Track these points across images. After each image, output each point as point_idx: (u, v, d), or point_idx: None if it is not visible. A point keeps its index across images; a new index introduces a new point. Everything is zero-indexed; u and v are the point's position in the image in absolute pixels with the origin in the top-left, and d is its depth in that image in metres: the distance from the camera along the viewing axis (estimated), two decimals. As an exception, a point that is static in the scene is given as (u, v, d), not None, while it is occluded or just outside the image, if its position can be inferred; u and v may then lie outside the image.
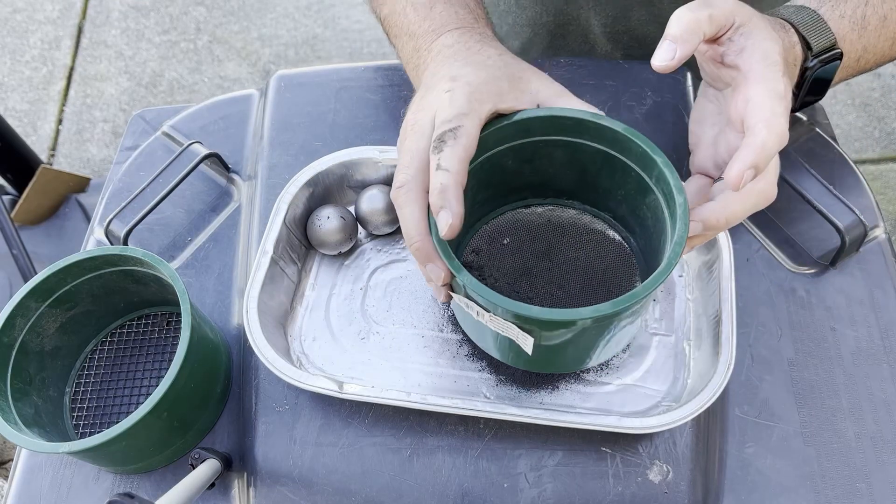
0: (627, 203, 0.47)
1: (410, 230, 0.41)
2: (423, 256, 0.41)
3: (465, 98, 0.41)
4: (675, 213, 0.41)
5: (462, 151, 0.40)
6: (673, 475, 0.47)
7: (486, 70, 0.43)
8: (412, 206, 0.41)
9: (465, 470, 0.48)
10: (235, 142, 0.66)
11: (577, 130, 0.44)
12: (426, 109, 0.43)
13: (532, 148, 0.46)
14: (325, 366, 0.52)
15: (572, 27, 0.70)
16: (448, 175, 0.39)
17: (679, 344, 0.51)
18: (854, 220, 0.54)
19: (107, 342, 0.57)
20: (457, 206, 0.39)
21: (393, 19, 0.53)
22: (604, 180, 0.47)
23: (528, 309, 0.38)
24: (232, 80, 1.86)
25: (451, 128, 0.40)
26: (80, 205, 1.40)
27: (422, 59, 0.49)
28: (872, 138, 1.69)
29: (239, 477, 0.50)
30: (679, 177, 0.41)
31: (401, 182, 0.41)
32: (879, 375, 0.52)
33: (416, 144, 0.42)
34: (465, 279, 0.39)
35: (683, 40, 0.41)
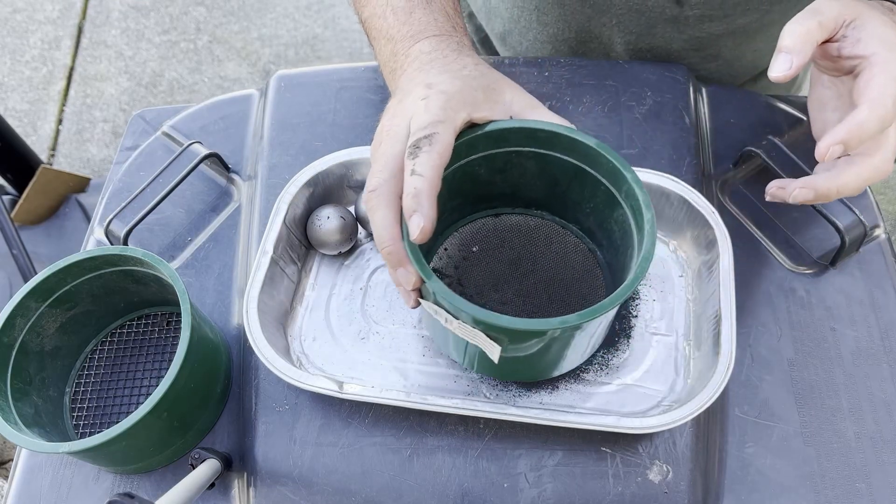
0: (595, 216, 0.48)
1: (382, 234, 0.41)
2: (394, 260, 0.41)
3: (440, 106, 0.42)
4: (643, 229, 0.41)
5: (437, 158, 0.40)
6: (673, 475, 0.47)
7: (461, 79, 0.44)
8: (384, 210, 0.41)
9: (465, 470, 0.48)
10: (235, 142, 0.66)
11: (550, 142, 0.45)
12: (401, 115, 0.43)
13: (504, 158, 0.46)
14: (325, 366, 0.52)
15: (593, 44, 0.70)
16: (422, 180, 0.39)
17: (679, 344, 0.51)
18: (854, 220, 0.54)
19: (107, 342, 0.57)
20: (429, 210, 0.39)
21: (373, 22, 0.53)
22: (574, 192, 0.48)
23: (497, 318, 0.38)
24: (232, 80, 1.86)
25: (427, 134, 0.40)
26: (80, 205, 1.40)
27: (398, 64, 0.49)
28: (872, 138, 1.69)
29: (239, 477, 0.50)
30: (647, 193, 0.42)
31: (373, 186, 0.41)
32: (879, 375, 0.52)
33: (391, 150, 0.42)
34: (434, 286, 0.39)
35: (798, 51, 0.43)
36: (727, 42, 0.64)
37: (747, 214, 0.59)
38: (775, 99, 0.66)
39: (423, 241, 0.39)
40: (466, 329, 0.40)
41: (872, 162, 0.44)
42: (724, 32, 0.63)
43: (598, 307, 0.39)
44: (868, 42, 0.44)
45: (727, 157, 0.62)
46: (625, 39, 0.67)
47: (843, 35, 0.45)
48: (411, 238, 0.39)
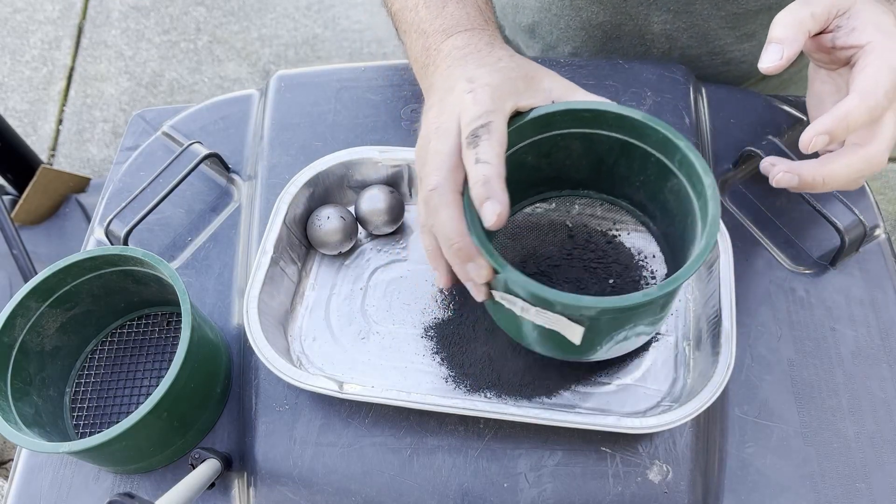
0: (646, 189, 0.48)
1: (449, 232, 0.41)
2: (463, 256, 0.41)
3: (488, 97, 0.42)
4: (705, 195, 0.41)
5: (497, 145, 0.40)
6: (673, 475, 0.47)
7: (500, 72, 0.44)
8: (448, 209, 0.41)
9: (465, 470, 0.48)
10: (235, 142, 0.66)
11: (596, 121, 0.45)
12: (448, 112, 0.43)
13: (550, 142, 0.46)
14: (325, 366, 0.52)
15: (628, 27, 0.69)
16: (489, 167, 0.39)
17: (679, 344, 0.51)
18: (854, 220, 0.54)
19: (107, 342, 0.57)
20: (502, 195, 0.39)
21: (404, 15, 0.53)
22: (621, 168, 0.47)
23: (580, 299, 0.38)
24: (232, 80, 1.86)
25: (483, 123, 0.40)
26: (80, 205, 1.40)
27: (431, 59, 0.49)
28: (872, 138, 1.69)
29: (239, 477, 0.50)
30: (703, 159, 0.42)
31: (433, 185, 0.41)
32: (879, 375, 0.52)
33: (444, 146, 0.42)
34: (510, 275, 0.39)
35: (789, 41, 0.43)
36: (763, 19, 0.64)
37: (747, 214, 0.59)
38: (775, 99, 0.66)
39: (500, 227, 0.39)
40: (545, 315, 0.40)
41: (866, 153, 0.43)
42: (761, 7, 0.62)
43: (676, 276, 0.39)
44: (863, 31, 0.43)
45: (727, 157, 0.62)
46: (661, 18, 0.66)
47: (836, 25, 0.45)
48: (488, 225, 0.39)
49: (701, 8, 0.64)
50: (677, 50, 0.69)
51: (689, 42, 0.68)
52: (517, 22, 0.78)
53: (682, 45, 0.69)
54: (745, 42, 0.68)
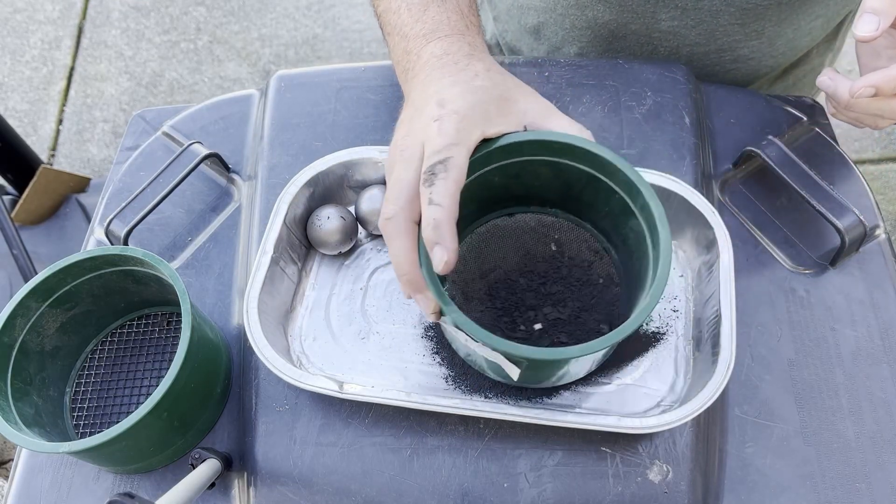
0: (610, 220, 0.48)
1: (401, 262, 0.41)
2: (412, 288, 0.42)
3: (453, 128, 0.42)
4: (658, 247, 0.41)
5: (453, 185, 0.40)
6: (673, 475, 0.47)
7: (473, 94, 0.44)
8: (401, 239, 0.41)
9: (465, 470, 0.48)
10: (235, 142, 0.66)
11: (565, 152, 0.45)
12: (414, 135, 0.43)
13: (519, 166, 0.46)
14: (325, 366, 0.52)
15: (635, 25, 0.69)
16: (441, 210, 0.39)
17: (679, 344, 0.51)
18: (854, 220, 0.54)
19: (107, 342, 0.57)
20: (451, 241, 0.40)
21: (387, 17, 0.53)
22: (588, 196, 0.48)
23: (517, 348, 0.39)
24: (232, 80, 1.86)
25: (441, 159, 0.40)
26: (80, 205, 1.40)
27: (411, 64, 0.49)
28: (872, 138, 1.69)
29: (239, 477, 0.50)
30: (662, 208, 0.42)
31: (389, 214, 0.42)
32: (879, 375, 0.52)
33: (405, 175, 0.42)
34: (454, 316, 0.40)
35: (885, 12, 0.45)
36: (772, 15, 0.64)
37: (747, 214, 0.59)
38: (775, 99, 0.66)
39: (447, 272, 0.40)
40: (487, 350, 0.41)
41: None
42: (771, 3, 0.62)
43: (613, 334, 0.39)
44: None
45: (727, 157, 0.62)
46: (669, 15, 0.66)
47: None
48: (436, 270, 0.40)
49: (710, 4, 0.64)
50: (685, 48, 0.69)
51: (697, 39, 0.68)
52: (522, 23, 0.77)
53: (690, 42, 0.69)
54: (753, 39, 0.68)
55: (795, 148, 0.59)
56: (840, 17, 0.70)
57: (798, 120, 0.64)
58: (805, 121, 0.63)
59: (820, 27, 0.69)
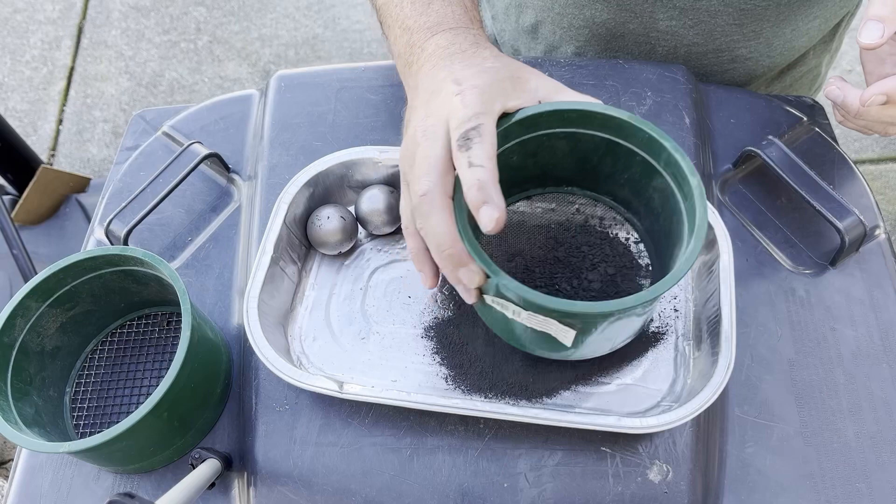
0: (630, 186, 0.48)
1: (441, 237, 0.40)
2: (456, 262, 0.41)
3: (477, 99, 0.41)
4: (692, 196, 0.41)
5: (490, 147, 0.40)
6: (673, 475, 0.47)
7: (487, 73, 0.44)
8: (440, 214, 0.40)
9: (465, 470, 0.48)
10: (235, 142, 0.66)
11: (582, 121, 0.45)
12: (435, 115, 0.43)
13: (536, 142, 0.46)
14: (325, 366, 0.52)
15: (633, 25, 0.69)
16: (483, 170, 0.39)
17: (679, 344, 0.51)
18: (854, 220, 0.54)
19: (107, 342, 0.57)
20: (498, 199, 0.39)
21: (388, 9, 0.53)
22: (605, 166, 0.48)
23: (573, 305, 0.39)
24: (232, 80, 1.86)
25: (474, 125, 0.40)
26: (80, 205, 1.40)
27: (415, 57, 0.49)
28: (872, 138, 1.69)
29: (239, 477, 0.50)
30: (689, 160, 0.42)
31: (424, 190, 0.41)
32: (879, 375, 0.52)
33: (433, 151, 0.41)
34: (505, 281, 0.39)
35: (890, 20, 0.45)
36: (770, 15, 0.64)
37: (747, 214, 0.59)
38: (775, 99, 0.66)
39: (498, 230, 0.39)
40: (537, 319, 0.40)
41: None
42: (769, 4, 0.63)
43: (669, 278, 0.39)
44: None
45: (727, 157, 0.62)
46: (667, 15, 0.66)
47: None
48: (486, 230, 0.39)
49: (708, 4, 0.64)
50: (683, 48, 0.69)
51: (695, 39, 0.68)
52: (520, 23, 0.77)
53: (688, 42, 0.69)
54: (751, 39, 0.68)
55: (795, 148, 0.59)
56: (838, 17, 0.70)
57: (798, 120, 0.64)
58: (805, 121, 0.63)
59: (817, 28, 0.69)
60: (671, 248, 0.45)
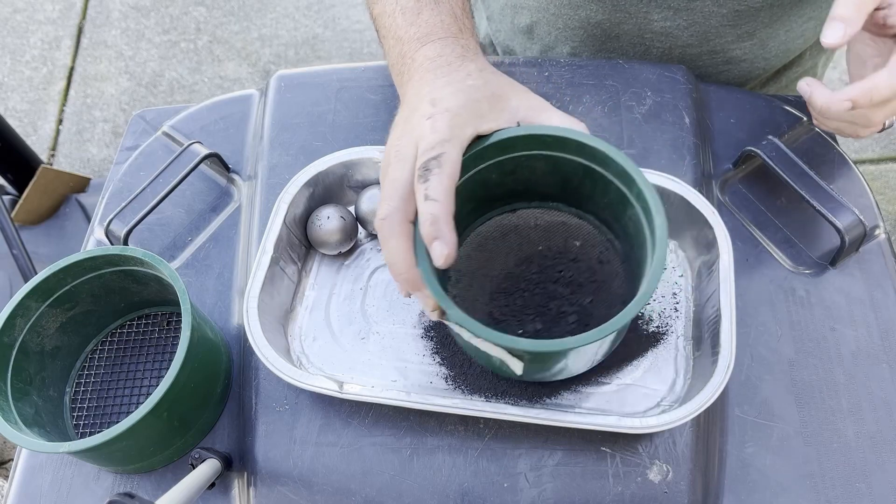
0: (610, 210, 0.48)
1: (397, 262, 0.41)
2: (410, 286, 0.42)
3: (446, 125, 0.42)
4: (655, 234, 0.41)
5: (447, 179, 0.40)
6: (673, 475, 0.47)
7: (465, 92, 0.44)
8: (397, 239, 0.41)
9: (465, 470, 0.48)
10: (235, 142, 0.66)
11: (559, 146, 0.45)
12: (407, 135, 0.43)
13: (514, 162, 0.46)
14: (325, 366, 0.52)
15: (627, 25, 0.69)
16: (437, 205, 0.40)
17: (679, 344, 0.51)
18: (854, 220, 0.54)
19: (107, 342, 0.57)
20: (450, 235, 0.40)
21: (382, 20, 0.54)
22: (585, 189, 0.48)
23: (517, 342, 0.39)
24: (232, 80, 1.86)
25: (435, 155, 0.41)
26: (80, 205, 1.40)
27: (406, 67, 0.49)
28: (872, 138, 1.69)
29: (239, 477, 0.50)
30: (658, 197, 0.42)
31: (384, 214, 0.42)
32: (879, 375, 0.52)
33: (400, 174, 0.42)
34: (453, 314, 0.40)
35: (852, 21, 0.45)
36: (764, 17, 0.64)
37: (747, 214, 0.59)
38: (775, 99, 0.66)
39: (447, 266, 0.40)
40: (489, 345, 0.41)
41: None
42: (763, 5, 0.63)
43: (610, 324, 0.39)
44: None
45: (727, 157, 0.62)
46: (661, 16, 0.66)
47: (889, 3, 0.47)
48: (436, 265, 0.40)
49: (702, 5, 0.64)
50: (677, 49, 0.69)
51: (690, 41, 0.68)
52: (515, 23, 0.78)
53: (683, 43, 0.69)
54: (745, 41, 0.68)
55: (795, 148, 0.59)
56: None
57: (798, 120, 0.64)
58: (805, 121, 0.63)
59: (812, 29, 0.69)
60: (639, 280, 0.45)
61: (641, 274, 0.44)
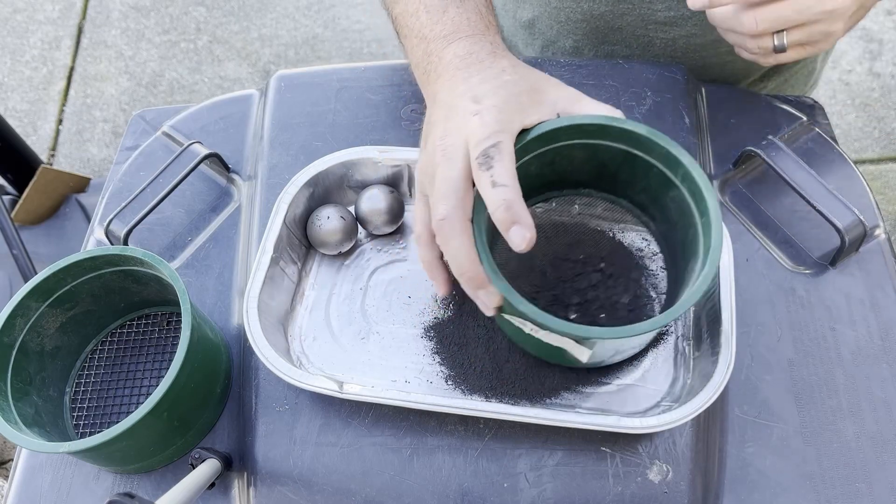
0: (647, 194, 0.48)
1: (461, 261, 0.41)
2: (475, 284, 0.42)
3: (495, 118, 0.42)
4: (707, 213, 0.42)
5: (510, 165, 0.40)
6: (673, 475, 0.47)
7: (504, 87, 0.44)
8: (460, 237, 0.41)
9: (465, 470, 0.48)
10: (235, 142, 0.66)
11: (600, 134, 0.45)
12: (453, 134, 0.43)
13: (554, 152, 0.46)
14: (325, 366, 0.52)
15: (630, 17, 0.69)
16: (508, 190, 0.39)
17: (679, 344, 0.51)
18: (854, 220, 0.54)
19: (107, 342, 0.57)
20: (527, 218, 0.39)
21: (404, 19, 0.53)
22: (623, 174, 0.48)
23: (588, 331, 0.40)
24: (232, 80, 1.86)
25: (493, 143, 0.40)
26: (80, 205, 1.40)
27: (432, 66, 0.49)
28: (872, 138, 1.69)
29: (239, 477, 0.50)
30: (706, 177, 0.43)
31: (444, 214, 0.41)
32: (879, 375, 0.52)
33: (452, 172, 0.42)
34: (524, 308, 0.40)
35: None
36: None
37: (747, 214, 0.59)
38: (775, 99, 0.66)
39: (528, 249, 0.40)
40: (554, 336, 0.41)
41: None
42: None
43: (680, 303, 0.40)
44: None
45: (727, 157, 0.62)
46: (664, 6, 0.66)
47: None
48: (519, 249, 0.39)
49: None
50: (681, 39, 0.69)
51: (693, 30, 0.68)
52: (517, 18, 0.77)
53: (686, 33, 0.68)
54: None
55: (795, 148, 0.59)
56: None
57: (798, 120, 0.64)
58: (805, 121, 0.63)
59: None
60: (687, 259, 0.46)
61: (686, 255, 0.45)
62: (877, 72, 1.78)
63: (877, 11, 1.84)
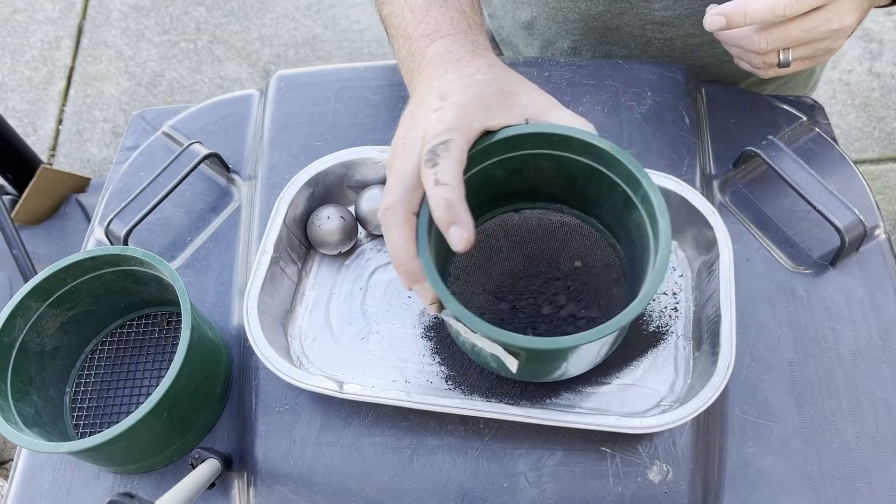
0: (614, 213, 0.48)
1: (399, 253, 0.41)
2: (410, 278, 0.41)
3: (454, 115, 0.42)
4: (658, 237, 0.41)
5: (456, 164, 0.40)
6: (673, 475, 0.47)
7: (474, 87, 0.44)
8: (400, 228, 0.41)
9: (465, 470, 0.48)
10: (235, 142, 0.66)
11: (565, 145, 0.45)
12: (415, 128, 0.43)
13: (520, 160, 0.46)
14: (325, 366, 0.52)
15: (628, 17, 0.69)
16: (449, 188, 0.39)
17: (679, 344, 0.51)
18: (854, 220, 0.54)
19: (107, 342, 0.57)
20: (466, 218, 0.39)
21: (392, 20, 0.54)
22: (592, 190, 0.47)
23: (513, 338, 0.39)
24: (232, 80, 1.86)
25: (442, 141, 0.40)
26: (80, 205, 1.40)
27: (416, 64, 0.49)
28: (872, 138, 1.69)
29: (239, 477, 0.50)
30: (663, 199, 0.42)
31: (388, 204, 0.41)
32: (879, 375, 0.52)
33: (405, 164, 0.42)
34: (452, 307, 0.39)
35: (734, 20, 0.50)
36: None
37: (747, 214, 0.59)
38: (775, 99, 0.66)
39: (467, 249, 0.39)
40: (486, 341, 0.41)
41: None
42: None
43: (608, 325, 0.39)
44: None
45: (727, 157, 0.62)
46: (662, 5, 0.66)
47: None
48: (457, 249, 0.39)
49: None
50: (678, 39, 0.69)
51: (691, 30, 0.68)
52: (516, 19, 0.78)
53: (684, 33, 0.68)
54: None
55: (795, 148, 0.59)
56: None
57: (798, 120, 0.64)
58: (805, 121, 0.63)
59: None
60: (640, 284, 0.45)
61: (643, 277, 0.44)
62: (877, 72, 1.78)
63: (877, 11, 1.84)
